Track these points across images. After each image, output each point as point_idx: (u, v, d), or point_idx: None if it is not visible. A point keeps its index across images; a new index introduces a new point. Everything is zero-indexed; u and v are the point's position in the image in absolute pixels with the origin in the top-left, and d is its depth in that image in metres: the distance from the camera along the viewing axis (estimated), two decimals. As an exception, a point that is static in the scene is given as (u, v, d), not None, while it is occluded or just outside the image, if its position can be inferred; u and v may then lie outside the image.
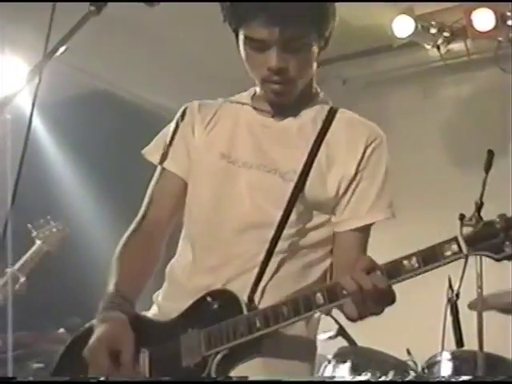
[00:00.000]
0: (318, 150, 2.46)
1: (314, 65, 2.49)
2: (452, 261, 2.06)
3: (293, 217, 2.42)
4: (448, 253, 2.05)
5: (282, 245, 2.41)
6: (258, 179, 2.47)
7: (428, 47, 6.65)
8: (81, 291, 4.67)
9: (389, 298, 2.17)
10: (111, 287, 2.47)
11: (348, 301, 2.16)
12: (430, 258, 2.07)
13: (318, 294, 2.19)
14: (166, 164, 2.64)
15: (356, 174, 2.46)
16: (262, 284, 2.38)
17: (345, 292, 2.14)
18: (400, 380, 4.35)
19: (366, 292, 2.11)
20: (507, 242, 2.00)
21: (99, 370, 2.33)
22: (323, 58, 2.53)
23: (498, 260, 2.02)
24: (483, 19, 6.22)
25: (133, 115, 5.65)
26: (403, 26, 6.43)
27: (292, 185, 2.42)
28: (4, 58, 5.93)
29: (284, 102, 2.50)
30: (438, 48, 6.59)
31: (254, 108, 2.58)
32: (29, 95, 2.26)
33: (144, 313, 2.57)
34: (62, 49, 2.27)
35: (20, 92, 2.22)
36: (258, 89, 2.58)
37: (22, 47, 5.69)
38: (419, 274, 2.08)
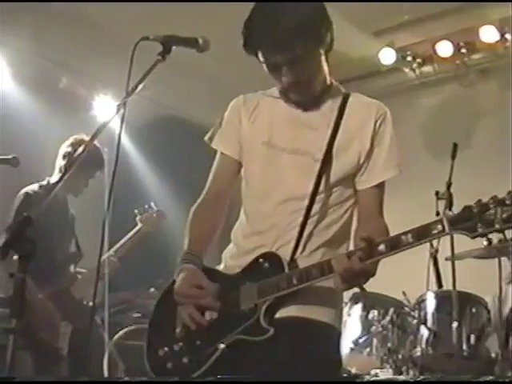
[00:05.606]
0: (337, 131, 2.34)
1: (324, 65, 2.35)
2: (438, 237, 2.00)
3: (322, 187, 2.32)
4: (435, 231, 1.99)
5: (314, 208, 2.31)
6: (294, 161, 2.35)
7: (406, 70, 6.61)
8: (163, 259, 4.64)
9: (365, 275, 2.13)
10: (185, 246, 2.41)
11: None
12: (422, 234, 2.01)
13: (333, 261, 2.14)
14: (219, 146, 2.52)
15: (371, 145, 2.36)
16: (302, 242, 2.30)
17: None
18: (398, 319, 4.28)
19: (346, 271, 2.09)
20: (480, 224, 1.92)
21: (189, 301, 2.30)
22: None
23: (472, 237, 1.96)
24: (444, 49, 6.20)
25: (194, 131, 5.63)
26: (387, 56, 6.44)
27: (319, 163, 2.32)
28: (99, 98, 5.98)
29: (305, 100, 2.38)
30: (414, 71, 6.54)
31: (285, 101, 2.43)
32: (119, 123, 2.27)
33: (216, 267, 2.48)
34: (140, 86, 2.25)
35: (110, 121, 2.20)
36: None
37: (112, 88, 5.73)
38: (413, 246, 2.01)
